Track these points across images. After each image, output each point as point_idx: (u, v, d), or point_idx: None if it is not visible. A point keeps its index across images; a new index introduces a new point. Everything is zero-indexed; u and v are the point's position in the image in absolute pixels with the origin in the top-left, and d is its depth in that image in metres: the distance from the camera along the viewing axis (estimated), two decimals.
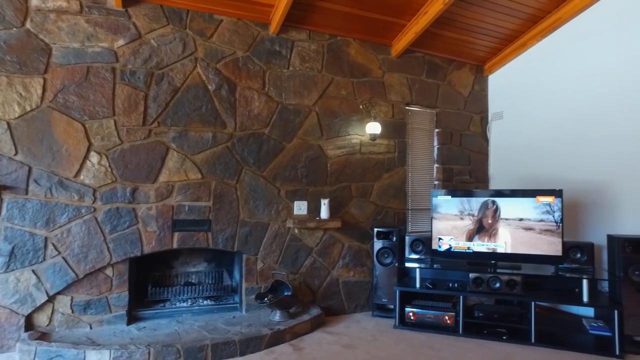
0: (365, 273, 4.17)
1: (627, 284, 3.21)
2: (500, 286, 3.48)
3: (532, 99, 4.55)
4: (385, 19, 3.99)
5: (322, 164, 4.00)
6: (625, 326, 3.16)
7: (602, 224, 3.83)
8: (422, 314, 3.65)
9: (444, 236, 3.86)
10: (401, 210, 4.40)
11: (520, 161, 4.64)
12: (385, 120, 4.32)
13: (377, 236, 4.01)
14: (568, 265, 3.57)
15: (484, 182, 4.97)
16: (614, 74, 3.80)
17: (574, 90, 4.14)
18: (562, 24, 4.23)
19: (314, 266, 3.94)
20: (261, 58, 3.77)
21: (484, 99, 5.05)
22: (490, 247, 3.73)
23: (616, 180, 3.75)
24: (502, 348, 3.25)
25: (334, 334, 3.51)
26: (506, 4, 3.98)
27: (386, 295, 3.95)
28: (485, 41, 4.57)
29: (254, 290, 3.66)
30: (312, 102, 3.98)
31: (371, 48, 4.30)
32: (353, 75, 4.19)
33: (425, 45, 4.48)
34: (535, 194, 3.61)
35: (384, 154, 4.31)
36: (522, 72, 4.67)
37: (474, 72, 4.97)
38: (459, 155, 4.80)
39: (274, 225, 3.78)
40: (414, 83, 4.53)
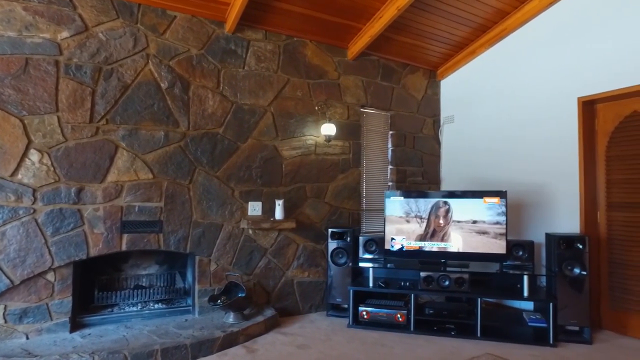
0: (320, 273, 4.21)
1: (561, 278, 3.45)
2: (450, 284, 3.62)
3: (480, 104, 4.76)
4: (341, 21, 4.04)
5: (277, 164, 4.00)
6: (558, 317, 3.40)
7: (541, 223, 4.08)
8: (375, 312, 3.73)
9: (397, 236, 3.96)
10: (355, 210, 4.48)
11: (470, 163, 4.84)
12: (341, 121, 4.37)
13: (331, 236, 4.05)
14: (511, 262, 3.78)
15: (436, 184, 5.14)
16: (549, 83, 4.06)
17: (517, 96, 4.38)
18: (507, 34, 4.46)
19: (268, 267, 3.93)
20: (216, 57, 3.71)
21: (437, 102, 5.23)
22: (441, 247, 3.87)
23: (553, 182, 4.00)
24: (450, 343, 3.38)
25: (288, 334, 3.51)
26: (457, 13, 4.15)
27: (340, 295, 4.00)
28: (438, 47, 4.74)
29: (208, 293, 3.59)
30: (267, 103, 3.96)
31: (327, 50, 4.34)
32: (309, 76, 4.21)
33: (381, 49, 4.58)
34: (482, 195, 3.79)
35: (339, 155, 4.37)
36: (472, 78, 4.88)
37: (427, 77, 5.14)
38: (412, 157, 4.95)
39: (228, 226, 3.73)
40: (369, 86, 4.62)
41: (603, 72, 3.66)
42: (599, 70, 3.68)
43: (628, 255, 3.61)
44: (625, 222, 3.64)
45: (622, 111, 3.67)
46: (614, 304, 3.69)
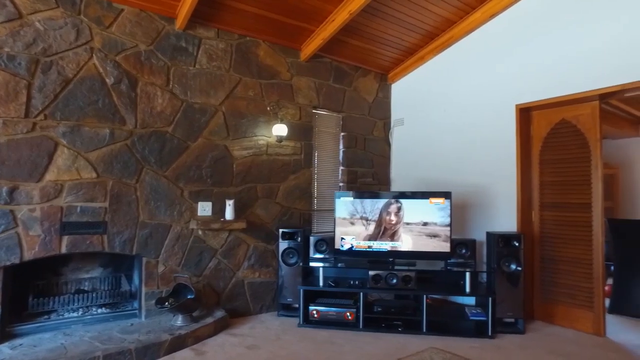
0: (271, 273, 4.21)
1: (499, 274, 3.67)
2: (397, 282, 3.75)
3: (429, 108, 4.96)
4: (294, 23, 4.06)
5: (227, 164, 3.96)
6: (497, 310, 3.61)
7: (483, 222, 4.31)
8: (325, 311, 3.79)
9: (347, 236, 4.05)
10: (307, 211, 4.52)
11: (419, 165, 5.03)
12: (293, 122, 4.40)
13: (282, 237, 4.07)
14: (455, 260, 3.96)
15: (386, 185, 5.29)
16: (491, 90, 4.30)
17: (462, 101, 4.60)
18: (453, 42, 4.67)
19: (218, 268, 3.88)
20: (166, 53, 3.62)
21: (387, 105, 5.38)
22: (389, 246, 3.99)
23: (494, 183, 4.25)
24: (397, 339, 3.50)
25: (238, 335, 3.49)
26: (407, 20, 4.29)
27: (291, 294, 4.02)
28: (389, 52, 4.88)
29: (155, 295, 3.49)
30: (218, 102, 3.91)
31: (280, 51, 4.35)
32: (261, 76, 4.20)
33: (333, 52, 4.65)
34: (428, 196, 3.95)
35: (290, 156, 4.39)
36: (421, 83, 5.07)
37: (379, 80, 5.28)
38: (363, 158, 5.06)
39: (177, 226, 3.65)
40: (321, 87, 4.68)
41: (538, 82, 3.92)
42: (535, 80, 3.95)
43: (557, 251, 3.90)
44: (555, 220, 3.94)
45: (553, 118, 3.96)
46: (545, 296, 3.98)
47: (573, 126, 3.83)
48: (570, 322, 3.79)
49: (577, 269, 3.76)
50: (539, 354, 3.18)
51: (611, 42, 3.46)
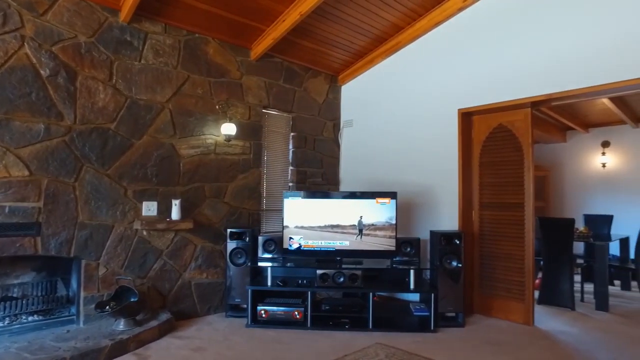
0: (219, 274, 4.16)
1: (442, 271, 3.85)
2: (344, 280, 3.82)
3: (377, 110, 5.09)
4: (245, 22, 4.03)
5: (174, 163, 3.86)
6: (439, 306, 3.78)
7: (428, 221, 4.49)
8: (274, 311, 3.79)
9: (295, 235, 4.08)
10: (255, 211, 4.50)
11: (367, 165, 5.15)
12: (242, 121, 4.36)
13: (230, 237, 4.03)
14: (400, 258, 4.10)
15: (335, 185, 5.38)
16: (436, 94, 4.50)
17: (409, 104, 4.77)
18: (401, 47, 4.83)
19: (164, 269, 3.77)
20: (109, 47, 3.47)
21: (337, 107, 5.47)
22: (337, 245, 4.06)
23: (439, 184, 4.44)
24: (344, 336, 3.57)
25: (184, 338, 3.42)
26: (357, 23, 4.38)
27: (240, 295, 3.99)
28: (340, 54, 4.96)
29: (95, 299, 3.34)
30: (165, 99, 3.80)
31: (230, 49, 4.30)
32: (210, 74, 4.13)
33: (284, 52, 4.66)
34: (375, 196, 4.06)
35: (239, 155, 4.35)
36: (370, 85, 5.19)
37: (329, 82, 5.35)
38: (312, 158, 5.11)
39: (120, 227, 3.51)
40: (271, 87, 4.67)
41: (478, 88, 4.15)
42: (475, 87, 4.18)
43: (494, 248, 4.15)
44: (492, 219, 4.19)
45: (491, 123, 4.21)
46: (483, 291, 4.22)
47: (509, 131, 4.09)
48: (505, 314, 4.05)
49: (511, 264, 4.03)
50: (475, 345, 3.37)
51: (540, 55, 3.73)
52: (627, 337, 3.61)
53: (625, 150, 6.84)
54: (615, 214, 6.31)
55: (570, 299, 4.50)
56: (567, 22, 3.59)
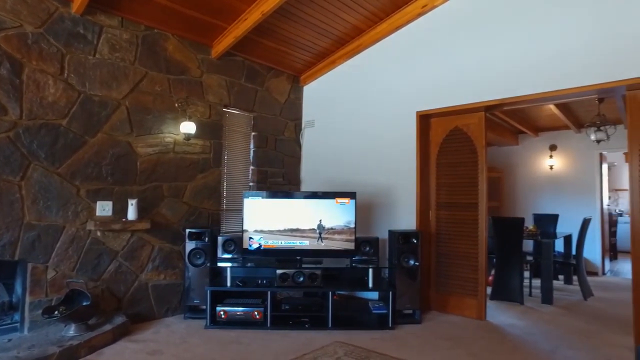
0: (177, 275, 4.07)
1: (400, 269, 3.95)
2: (304, 280, 3.85)
3: (339, 111, 5.15)
4: (206, 19, 3.97)
5: (131, 162, 3.74)
6: (397, 303, 3.88)
7: (386, 220, 4.60)
8: (233, 311, 3.76)
9: (255, 235, 4.06)
10: (215, 210, 4.44)
11: (328, 166, 5.20)
12: (202, 120, 4.29)
13: (189, 237, 3.96)
14: (359, 257, 4.17)
15: (296, 185, 5.39)
16: (396, 96, 4.60)
17: (370, 106, 4.85)
18: (363, 49, 4.91)
19: (119, 271, 3.65)
20: (59, 39, 3.32)
21: (299, 107, 5.48)
22: (297, 245, 4.08)
23: (398, 184, 4.55)
24: (304, 335, 3.59)
25: (139, 341, 3.32)
26: (319, 25, 4.42)
27: (199, 296, 3.93)
28: (302, 55, 4.98)
29: (43, 304, 3.18)
30: (121, 96, 3.68)
31: (191, 46, 4.22)
32: (170, 71, 4.04)
33: (246, 51, 4.63)
34: (334, 195, 4.11)
35: (198, 154, 4.28)
36: (332, 86, 5.24)
37: (291, 82, 5.36)
38: (273, 158, 5.10)
39: (71, 228, 3.37)
40: (232, 86, 4.62)
41: (436, 92, 4.29)
42: (433, 90, 4.31)
43: (450, 246, 4.31)
44: (448, 219, 4.34)
45: (448, 126, 4.36)
46: (439, 288, 4.36)
47: (464, 133, 4.25)
48: (460, 310, 4.21)
49: (466, 262, 4.19)
50: (430, 340, 3.49)
51: (494, 62, 3.91)
52: (568, 328, 3.85)
53: (570, 153, 7.26)
54: (560, 213, 6.69)
55: (519, 294, 4.74)
56: (519, 32, 3.78)
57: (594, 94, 3.64)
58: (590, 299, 5.05)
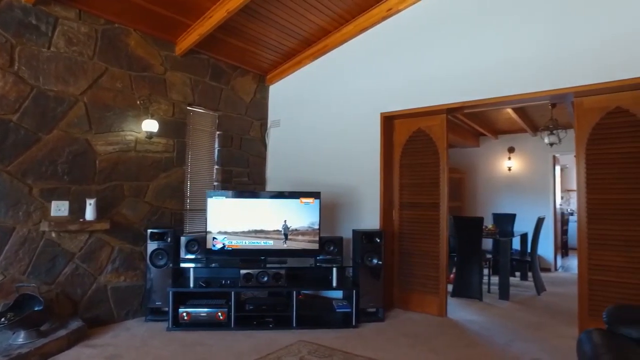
0: (139, 276, 3.97)
1: (363, 268, 4.01)
2: (268, 280, 3.84)
3: (304, 111, 5.16)
4: (170, 15, 3.88)
5: (89, 160, 3.61)
6: (361, 302, 3.93)
7: (350, 220, 4.65)
8: (196, 313, 3.71)
9: (219, 235, 4.02)
10: (178, 210, 4.35)
11: (293, 166, 5.20)
12: (165, 118, 4.20)
13: (151, 237, 3.87)
14: (324, 257, 4.21)
15: (262, 184, 5.36)
16: (361, 97, 4.66)
17: (335, 106, 4.89)
18: (329, 50, 4.94)
19: (76, 273, 3.52)
20: (9, 29, 3.15)
21: (265, 106, 5.46)
22: (261, 245, 4.07)
23: (361, 184, 4.61)
24: (268, 335, 3.58)
25: (97, 346, 3.22)
26: (285, 25, 4.41)
27: (161, 297, 3.84)
28: (268, 54, 4.96)
29: None
30: (79, 91, 3.55)
31: (154, 42, 4.12)
32: (132, 68, 3.93)
33: (211, 49, 4.56)
34: (299, 195, 4.13)
35: (161, 153, 4.18)
36: (298, 86, 5.25)
37: (257, 81, 5.32)
38: (238, 158, 5.05)
39: (22, 228, 3.21)
40: (197, 84, 4.55)
41: (400, 94, 4.37)
42: (397, 92, 4.39)
43: (412, 245, 4.41)
44: (411, 218, 4.44)
45: (411, 127, 4.47)
46: (402, 286, 4.46)
47: (427, 135, 4.37)
48: (422, 307, 4.31)
49: (428, 261, 4.30)
50: (393, 337, 3.56)
51: (455, 66, 4.03)
52: (522, 322, 4.04)
53: (526, 155, 7.59)
54: (517, 212, 6.98)
55: (478, 291, 4.91)
56: (480, 38, 3.91)
57: (547, 99, 3.83)
58: (544, 293, 5.31)
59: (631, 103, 3.28)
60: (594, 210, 3.43)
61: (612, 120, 3.37)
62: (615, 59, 3.23)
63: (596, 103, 3.44)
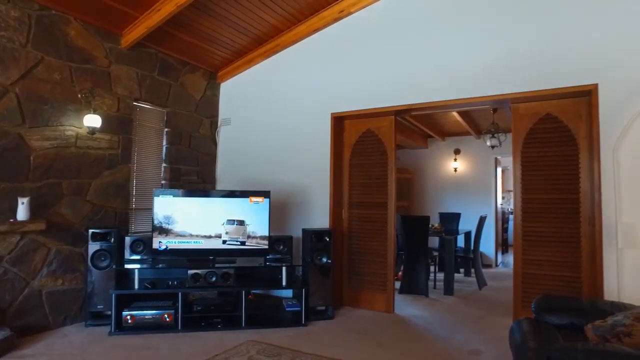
0: (78, 279, 3.77)
1: (313, 267, 4.04)
2: (217, 280, 3.78)
3: (256, 109, 5.12)
4: (115, 5, 3.72)
5: (22, 156, 3.38)
6: (310, 300, 3.97)
7: (301, 219, 4.67)
8: (141, 315, 3.58)
9: (166, 235, 3.90)
10: (123, 209, 4.18)
11: (244, 165, 5.15)
12: (109, 114, 4.02)
13: (92, 238, 3.69)
14: (273, 256, 4.20)
15: (212, 183, 5.27)
16: (312, 97, 4.70)
17: (287, 106, 4.90)
18: (281, 49, 4.94)
19: (4, 278, 3.27)
20: None
21: (215, 104, 5.36)
22: (210, 244, 4.00)
23: (311, 184, 4.65)
24: (216, 336, 3.53)
25: (27, 356, 3.01)
26: (237, 22, 4.36)
27: (103, 301, 3.67)
28: (219, 51, 4.88)
29: None
30: (10, 81, 3.31)
31: (97, 33, 3.93)
32: (72, 59, 3.73)
33: (160, 43, 4.43)
34: (248, 194, 4.10)
35: (105, 150, 4.00)
36: (250, 84, 5.20)
37: (207, 78, 5.22)
38: (187, 156, 4.93)
39: None
40: (144, 79, 4.39)
41: (350, 95, 4.45)
42: (348, 93, 4.47)
43: (361, 244, 4.50)
44: (360, 217, 4.54)
45: (361, 128, 4.56)
46: (351, 284, 4.54)
47: (376, 136, 4.48)
48: (371, 305, 4.41)
49: (376, 259, 4.40)
50: (342, 334, 3.63)
51: (404, 70, 4.17)
52: (464, 315, 4.25)
53: (471, 157, 7.98)
54: (462, 211, 7.32)
55: (425, 287, 5.10)
56: (427, 44, 4.07)
57: (488, 104, 4.05)
58: (485, 288, 5.60)
59: (559, 110, 3.55)
60: (527, 209, 3.66)
61: (543, 126, 3.62)
62: (545, 70, 3.48)
63: (530, 109, 3.68)
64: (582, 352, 1.67)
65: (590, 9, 3.36)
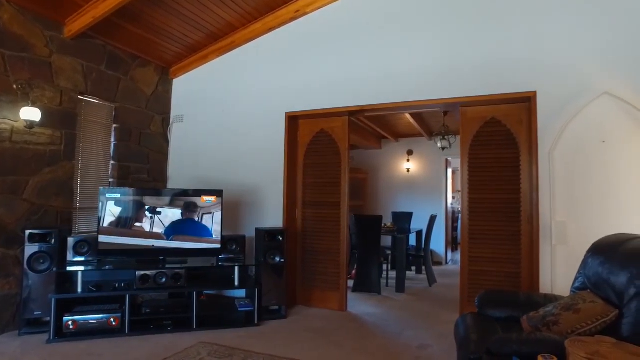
0: (12, 284, 3.51)
1: (266, 266, 4.03)
2: (167, 281, 3.68)
3: (209, 107, 5.03)
4: None
5: None
6: (264, 300, 3.96)
7: (254, 219, 4.64)
8: (84, 320, 3.41)
9: (113, 235, 3.75)
10: (66, 209, 3.96)
11: (197, 163, 5.03)
12: (51, 107, 3.80)
13: (30, 239, 3.46)
14: (226, 255, 4.14)
15: (163, 182, 5.11)
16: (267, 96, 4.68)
17: (241, 104, 4.85)
18: (236, 47, 4.88)
19: None
20: None
21: (168, 100, 5.20)
22: (160, 244, 3.88)
23: (266, 183, 4.62)
24: (166, 338, 3.43)
25: None
26: (191, 17, 4.26)
27: (41, 307, 3.45)
28: (172, 46, 4.74)
29: None
30: None
31: (35, 20, 3.69)
32: (5, 46, 3.47)
33: (108, 35, 4.24)
34: (200, 194, 4.02)
35: (45, 146, 3.77)
36: (203, 81, 5.09)
37: (159, 73, 5.06)
38: (137, 153, 4.75)
39: None
40: (90, 72, 4.18)
41: (305, 95, 4.47)
42: (302, 93, 4.48)
43: (315, 243, 4.53)
44: (314, 217, 4.57)
45: (315, 128, 4.59)
46: (305, 283, 4.56)
47: (329, 136, 4.52)
48: (324, 303, 4.45)
49: (329, 258, 4.45)
50: (295, 333, 3.64)
51: (357, 71, 4.24)
52: (414, 312, 4.39)
53: (423, 158, 8.25)
54: (414, 211, 7.54)
55: (377, 285, 5.21)
56: (379, 46, 4.16)
57: (439, 107, 4.20)
58: (435, 285, 5.81)
59: (503, 115, 3.75)
60: (474, 208, 3.83)
61: (488, 129, 3.80)
62: (491, 76, 3.67)
63: (477, 113, 3.85)
64: (516, 342, 1.80)
65: (532, 20, 3.57)
